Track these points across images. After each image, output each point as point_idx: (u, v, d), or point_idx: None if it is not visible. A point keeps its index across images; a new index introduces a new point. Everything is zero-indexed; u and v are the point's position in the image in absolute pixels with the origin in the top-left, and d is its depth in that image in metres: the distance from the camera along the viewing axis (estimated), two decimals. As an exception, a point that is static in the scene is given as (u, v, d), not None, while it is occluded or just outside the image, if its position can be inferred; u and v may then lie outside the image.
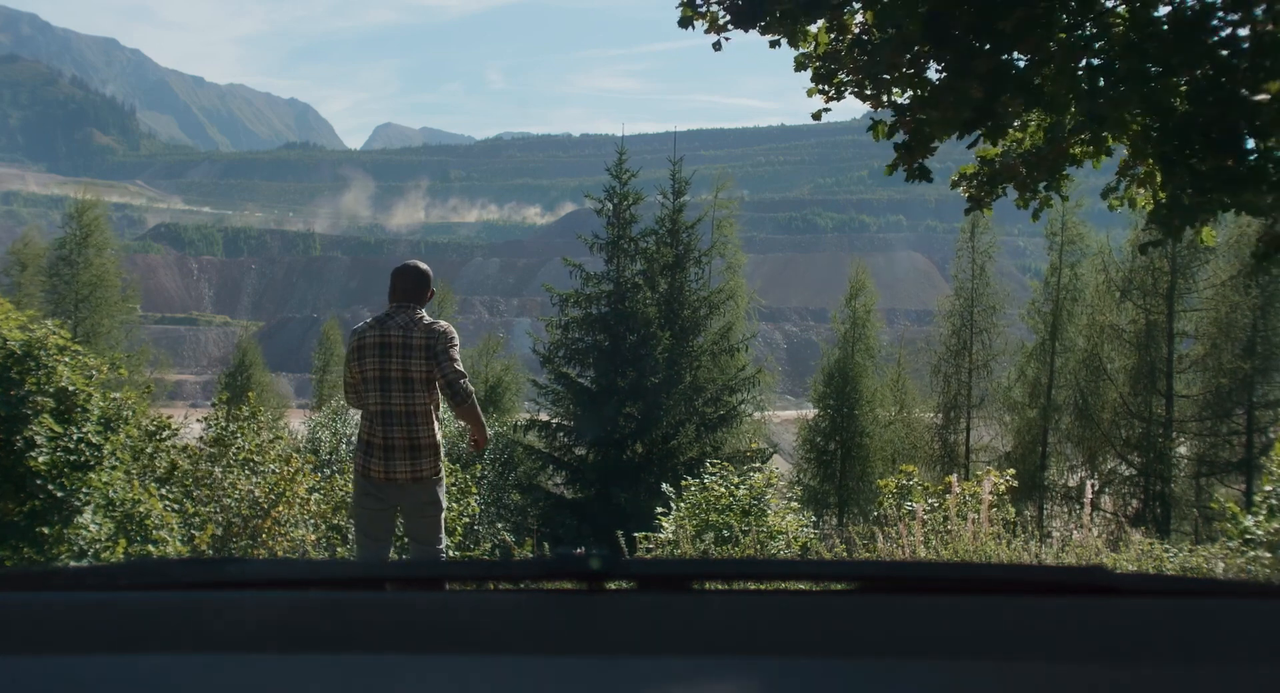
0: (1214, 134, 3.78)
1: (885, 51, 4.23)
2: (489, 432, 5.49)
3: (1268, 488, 6.96)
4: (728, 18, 4.55)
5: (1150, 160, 4.51)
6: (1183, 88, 3.85)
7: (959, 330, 23.80)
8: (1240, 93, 3.70)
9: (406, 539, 4.95)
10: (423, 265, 4.89)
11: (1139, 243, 5.16)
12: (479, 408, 4.78)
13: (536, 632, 0.96)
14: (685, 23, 4.67)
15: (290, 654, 0.92)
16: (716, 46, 4.74)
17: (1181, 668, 0.90)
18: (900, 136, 4.67)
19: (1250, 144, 3.84)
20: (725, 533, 7.28)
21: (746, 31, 4.55)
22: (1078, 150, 4.64)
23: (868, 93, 4.68)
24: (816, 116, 5.19)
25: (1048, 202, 4.94)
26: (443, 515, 4.86)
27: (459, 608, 1.02)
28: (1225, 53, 3.73)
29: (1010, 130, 4.67)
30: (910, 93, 4.54)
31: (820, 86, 4.78)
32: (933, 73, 4.40)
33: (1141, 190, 4.81)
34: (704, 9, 4.64)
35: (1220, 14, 3.78)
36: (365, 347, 4.63)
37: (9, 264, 28.50)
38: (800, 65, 4.77)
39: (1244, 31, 3.74)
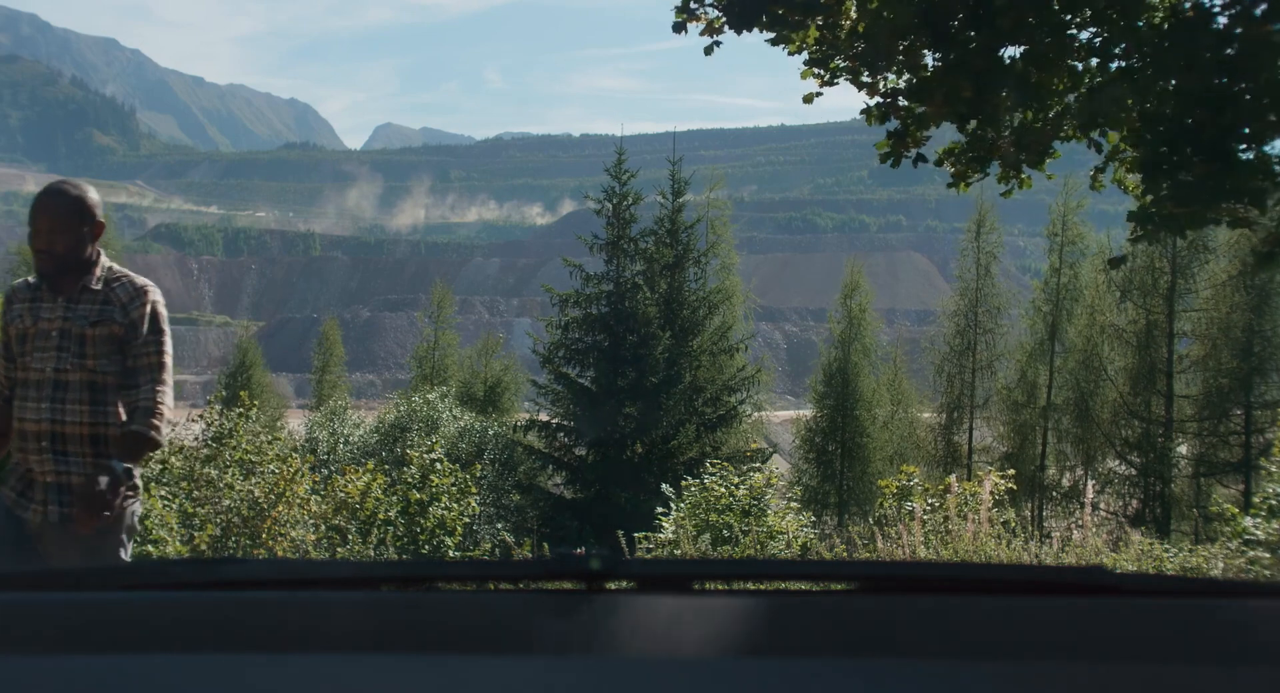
0: (1204, 138, 3.77)
1: (881, 39, 4.19)
2: None
3: (1269, 489, 6.96)
4: (724, 20, 4.49)
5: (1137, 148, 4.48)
6: (1175, 85, 3.84)
7: (963, 330, 23.80)
8: (1236, 91, 3.69)
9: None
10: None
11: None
12: None
13: (536, 632, 0.96)
14: (679, 27, 4.55)
15: (290, 654, 0.92)
16: (709, 50, 4.67)
17: (1182, 668, 0.90)
18: (892, 123, 4.62)
19: (1240, 148, 3.82)
20: (725, 533, 7.29)
21: (740, 34, 4.49)
22: (1064, 136, 4.60)
23: (864, 80, 4.62)
24: (808, 100, 5.00)
25: (1027, 182, 4.87)
26: None
27: (459, 608, 1.02)
28: (1223, 52, 3.72)
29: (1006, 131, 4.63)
30: (905, 78, 4.48)
31: (815, 71, 4.69)
32: (929, 62, 4.35)
33: (1131, 175, 4.77)
34: (699, 11, 4.56)
35: (1219, 13, 3.77)
36: None
37: (13, 264, 28.47)
38: (796, 50, 4.69)
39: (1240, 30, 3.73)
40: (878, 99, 4.65)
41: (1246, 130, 3.74)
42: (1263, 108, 3.64)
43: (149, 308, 3.11)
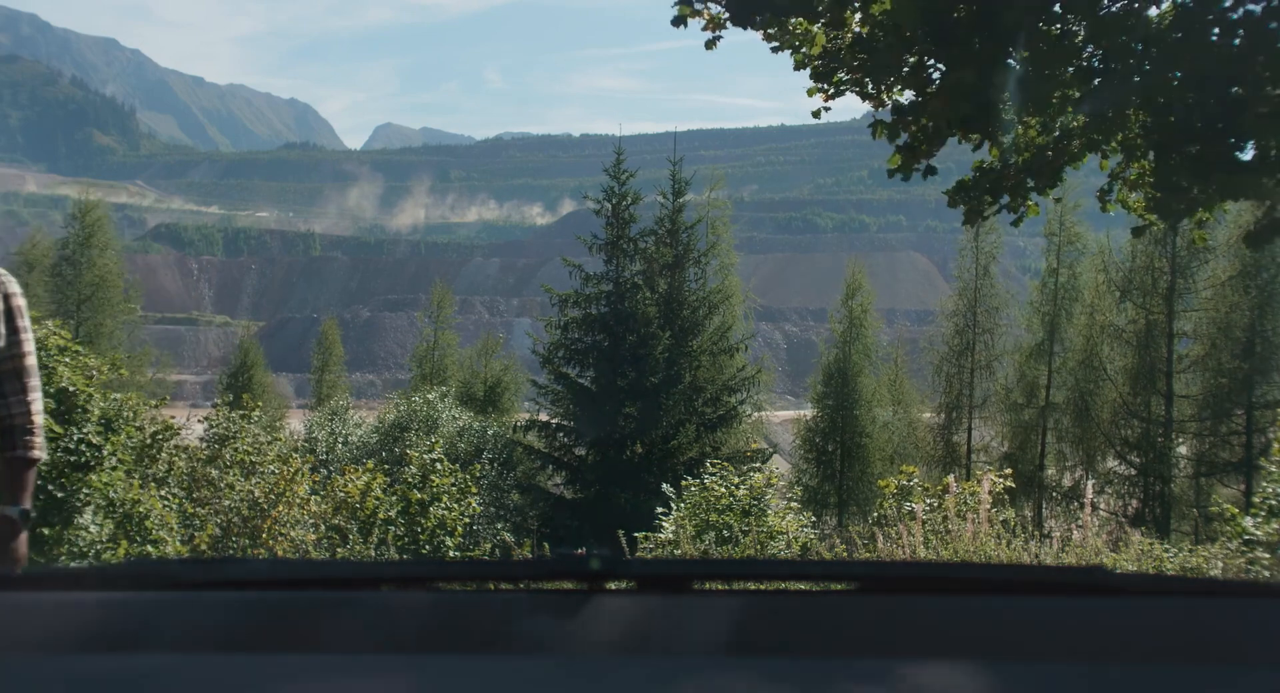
0: (1209, 121, 3.77)
1: (886, 51, 4.21)
2: None
3: (1269, 489, 6.96)
4: (726, 15, 4.47)
5: (1141, 163, 4.50)
6: (1178, 79, 3.84)
7: (962, 330, 23.80)
8: (1235, 89, 3.70)
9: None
10: None
11: (1133, 226, 5.10)
12: None
13: (536, 632, 0.96)
14: (679, 21, 4.50)
15: (290, 654, 0.92)
16: (710, 44, 4.66)
17: (1181, 668, 0.90)
18: (903, 138, 4.64)
19: (1245, 126, 3.82)
20: (725, 533, 7.29)
21: (745, 29, 4.47)
22: (1068, 158, 4.63)
23: (868, 91, 4.64)
24: (816, 115, 5.12)
25: (1034, 209, 4.91)
26: None
27: (459, 608, 1.02)
28: (1220, 51, 3.72)
29: (1009, 139, 4.64)
30: (911, 93, 4.50)
31: (820, 85, 4.73)
32: (935, 76, 4.37)
33: (1134, 194, 4.79)
34: (701, 6, 4.54)
35: (1218, 8, 3.77)
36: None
37: (16, 265, 28.52)
38: (800, 64, 4.72)
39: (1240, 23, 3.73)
40: (883, 112, 4.66)
41: (1248, 122, 3.75)
42: (1260, 103, 3.65)
43: (2, 301, 2.64)
